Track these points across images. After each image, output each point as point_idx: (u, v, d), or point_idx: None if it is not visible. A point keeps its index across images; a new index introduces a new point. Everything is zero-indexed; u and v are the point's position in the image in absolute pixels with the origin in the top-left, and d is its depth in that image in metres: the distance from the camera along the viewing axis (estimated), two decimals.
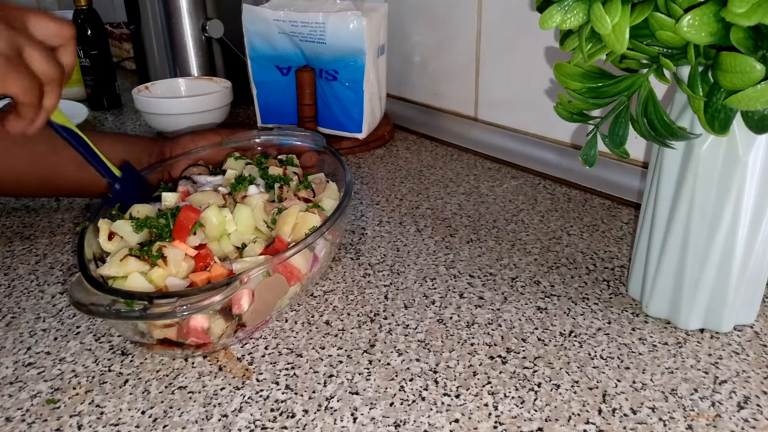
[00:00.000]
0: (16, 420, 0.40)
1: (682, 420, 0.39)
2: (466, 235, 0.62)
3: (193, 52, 1.04)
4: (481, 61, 0.85)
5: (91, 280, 0.42)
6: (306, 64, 0.85)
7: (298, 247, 0.46)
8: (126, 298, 0.40)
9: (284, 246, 0.48)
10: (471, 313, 0.50)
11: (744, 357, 0.44)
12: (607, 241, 0.61)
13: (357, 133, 0.86)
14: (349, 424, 0.39)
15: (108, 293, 0.41)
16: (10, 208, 0.71)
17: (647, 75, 0.41)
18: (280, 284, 0.46)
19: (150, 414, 0.40)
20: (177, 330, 0.43)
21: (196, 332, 0.43)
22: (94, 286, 0.41)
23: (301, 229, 0.50)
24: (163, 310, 0.40)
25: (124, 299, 0.40)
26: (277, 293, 0.47)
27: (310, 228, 0.49)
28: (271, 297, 0.46)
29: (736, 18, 0.31)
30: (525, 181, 0.75)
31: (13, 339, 0.48)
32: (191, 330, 0.43)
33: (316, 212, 0.51)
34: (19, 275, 0.57)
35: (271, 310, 0.47)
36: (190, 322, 0.43)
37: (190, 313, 0.40)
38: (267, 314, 0.47)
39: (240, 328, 0.46)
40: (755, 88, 0.33)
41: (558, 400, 0.40)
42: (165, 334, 0.43)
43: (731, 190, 0.41)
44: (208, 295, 0.41)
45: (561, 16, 0.39)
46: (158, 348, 0.45)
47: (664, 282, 0.47)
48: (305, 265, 0.49)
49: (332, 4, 0.83)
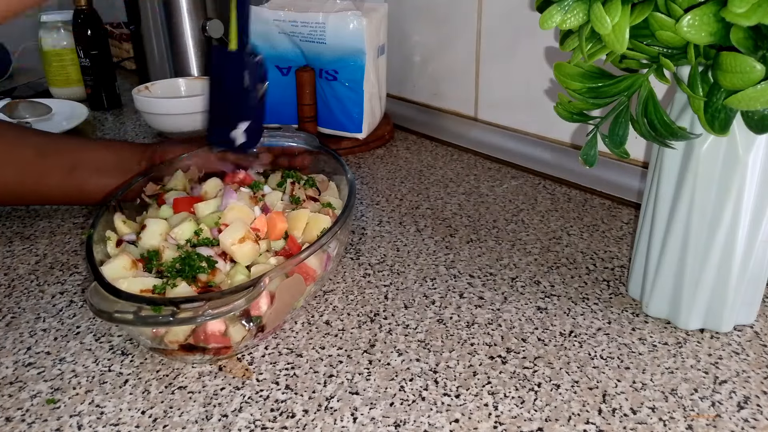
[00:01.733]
0: (16, 420, 0.40)
1: (682, 420, 0.39)
2: (466, 235, 0.62)
3: (193, 52, 1.04)
4: (481, 61, 0.85)
5: (109, 287, 0.41)
6: (306, 64, 0.85)
7: (313, 248, 0.46)
8: (151, 305, 0.40)
9: (297, 247, 0.49)
10: (471, 313, 0.50)
11: (744, 357, 0.44)
12: (607, 241, 0.61)
13: (357, 133, 0.86)
14: (349, 424, 0.39)
15: (131, 300, 0.40)
16: (10, 208, 0.71)
17: (647, 75, 0.41)
18: (299, 284, 0.46)
19: (150, 414, 0.40)
20: (194, 335, 0.43)
21: (214, 337, 0.43)
22: (113, 293, 0.40)
23: (313, 230, 0.50)
24: (191, 314, 0.39)
25: (150, 306, 0.40)
26: (295, 294, 0.47)
27: (322, 229, 0.49)
28: (289, 297, 0.46)
29: (736, 18, 0.31)
30: (525, 181, 0.75)
31: (13, 339, 0.48)
32: (209, 335, 0.43)
33: (329, 212, 0.52)
34: (19, 275, 0.57)
35: (288, 310, 0.47)
36: (207, 327, 0.42)
37: (216, 316, 0.40)
38: (285, 315, 0.47)
39: (260, 331, 0.45)
40: (755, 88, 0.33)
41: (558, 400, 0.40)
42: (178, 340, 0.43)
43: (731, 190, 0.41)
44: (234, 298, 0.40)
45: (561, 16, 0.39)
46: (179, 354, 0.44)
47: (664, 282, 0.47)
48: (320, 265, 0.49)
49: (332, 4, 0.83)
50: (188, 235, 0.48)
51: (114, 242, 0.49)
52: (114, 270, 0.45)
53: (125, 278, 0.43)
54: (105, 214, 0.51)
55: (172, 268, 0.45)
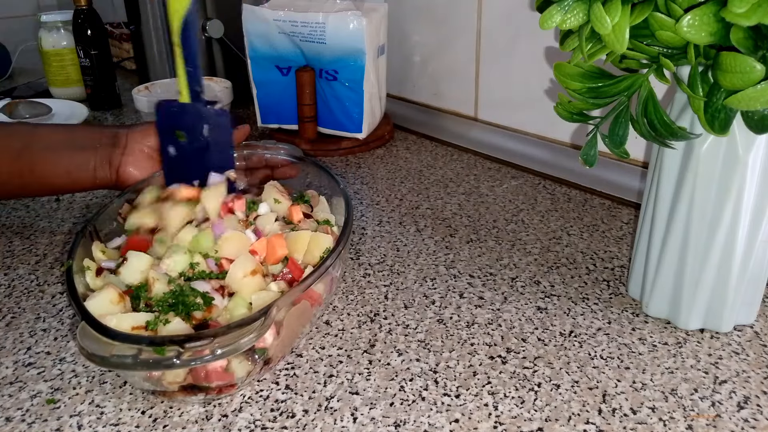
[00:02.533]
0: (16, 420, 0.40)
1: (682, 420, 0.39)
2: (466, 235, 0.62)
3: None
4: (481, 61, 0.85)
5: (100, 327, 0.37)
6: (306, 64, 0.85)
7: (319, 272, 0.42)
8: (153, 345, 0.36)
9: (299, 270, 0.45)
10: (471, 313, 0.50)
11: (744, 357, 0.44)
12: (607, 241, 0.61)
13: (357, 133, 0.86)
14: (349, 424, 0.39)
15: (129, 342, 0.36)
16: (11, 208, 0.71)
17: (647, 75, 0.41)
18: (306, 311, 0.44)
19: (150, 414, 0.40)
20: (192, 374, 0.40)
21: (217, 374, 0.39)
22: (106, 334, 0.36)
23: (314, 251, 0.47)
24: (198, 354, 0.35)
25: (151, 347, 0.36)
26: (303, 321, 0.44)
27: (324, 250, 0.46)
28: (297, 326, 0.44)
29: (735, 18, 0.31)
30: (525, 181, 0.75)
31: (13, 339, 0.48)
32: (211, 372, 0.39)
33: (327, 229, 0.49)
34: (19, 275, 0.57)
35: (296, 339, 0.45)
36: (208, 365, 0.39)
37: (226, 354, 0.36)
38: (293, 344, 0.45)
39: (266, 364, 0.42)
40: (755, 88, 0.33)
41: (558, 400, 0.40)
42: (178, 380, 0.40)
43: (731, 190, 0.41)
44: (242, 333, 0.36)
45: (561, 16, 0.39)
46: (180, 395, 0.40)
47: (664, 282, 0.47)
48: (325, 289, 0.46)
49: (332, 4, 0.83)
50: (182, 267, 0.44)
51: (94, 271, 0.45)
52: (100, 305, 0.40)
53: (113, 314, 0.40)
54: (82, 241, 0.46)
55: (163, 302, 0.41)
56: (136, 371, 0.38)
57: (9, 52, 1.35)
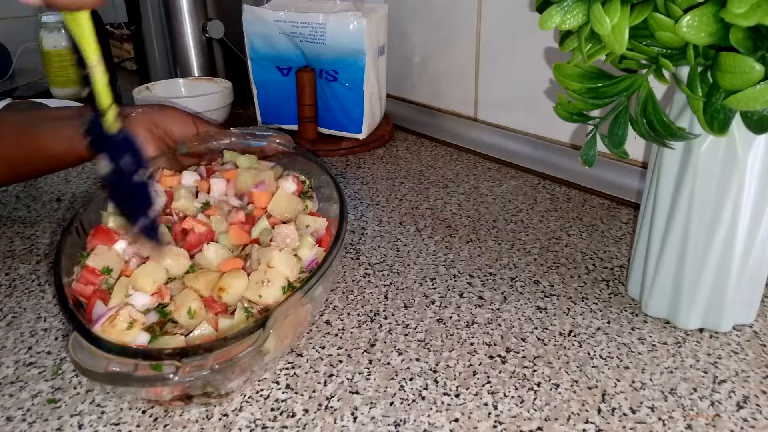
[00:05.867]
0: (17, 420, 0.40)
1: (682, 419, 0.39)
2: (465, 235, 0.62)
3: (194, 53, 1.04)
4: (481, 61, 0.85)
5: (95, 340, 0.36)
6: (306, 64, 0.85)
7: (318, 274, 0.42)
8: (149, 360, 0.35)
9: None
10: (471, 312, 0.50)
11: (743, 357, 0.44)
12: (606, 241, 0.61)
13: (357, 134, 0.86)
14: (349, 423, 0.39)
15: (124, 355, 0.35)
16: (12, 208, 0.71)
17: (646, 75, 0.41)
18: (305, 314, 0.43)
19: (150, 413, 0.40)
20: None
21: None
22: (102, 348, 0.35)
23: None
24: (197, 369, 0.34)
25: (147, 361, 0.35)
26: (303, 322, 0.44)
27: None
28: (296, 328, 0.43)
29: (735, 18, 0.32)
30: (525, 181, 0.75)
31: (14, 339, 0.48)
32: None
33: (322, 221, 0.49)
34: (20, 275, 0.57)
35: (293, 342, 0.45)
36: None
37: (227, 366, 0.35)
38: (289, 347, 0.45)
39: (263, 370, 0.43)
40: (754, 88, 0.33)
41: (557, 400, 0.41)
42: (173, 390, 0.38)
43: (730, 190, 0.41)
44: (242, 345, 0.36)
45: (560, 17, 0.39)
46: (176, 404, 0.40)
47: (664, 281, 0.47)
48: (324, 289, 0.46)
49: (332, 5, 0.84)
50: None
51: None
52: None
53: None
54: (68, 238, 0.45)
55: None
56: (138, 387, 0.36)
57: (10, 53, 1.35)
